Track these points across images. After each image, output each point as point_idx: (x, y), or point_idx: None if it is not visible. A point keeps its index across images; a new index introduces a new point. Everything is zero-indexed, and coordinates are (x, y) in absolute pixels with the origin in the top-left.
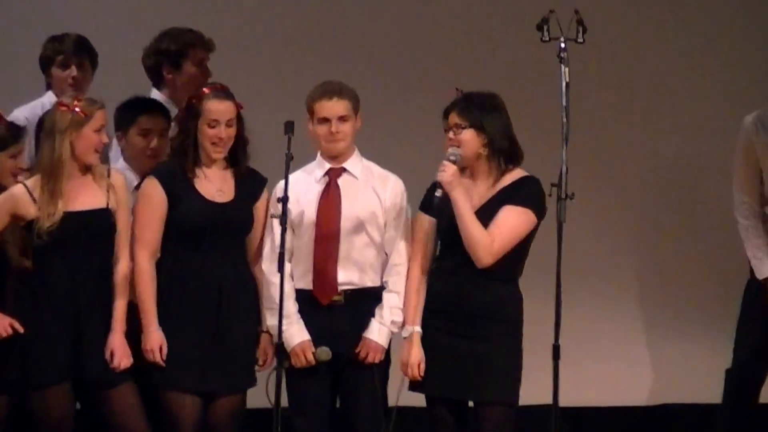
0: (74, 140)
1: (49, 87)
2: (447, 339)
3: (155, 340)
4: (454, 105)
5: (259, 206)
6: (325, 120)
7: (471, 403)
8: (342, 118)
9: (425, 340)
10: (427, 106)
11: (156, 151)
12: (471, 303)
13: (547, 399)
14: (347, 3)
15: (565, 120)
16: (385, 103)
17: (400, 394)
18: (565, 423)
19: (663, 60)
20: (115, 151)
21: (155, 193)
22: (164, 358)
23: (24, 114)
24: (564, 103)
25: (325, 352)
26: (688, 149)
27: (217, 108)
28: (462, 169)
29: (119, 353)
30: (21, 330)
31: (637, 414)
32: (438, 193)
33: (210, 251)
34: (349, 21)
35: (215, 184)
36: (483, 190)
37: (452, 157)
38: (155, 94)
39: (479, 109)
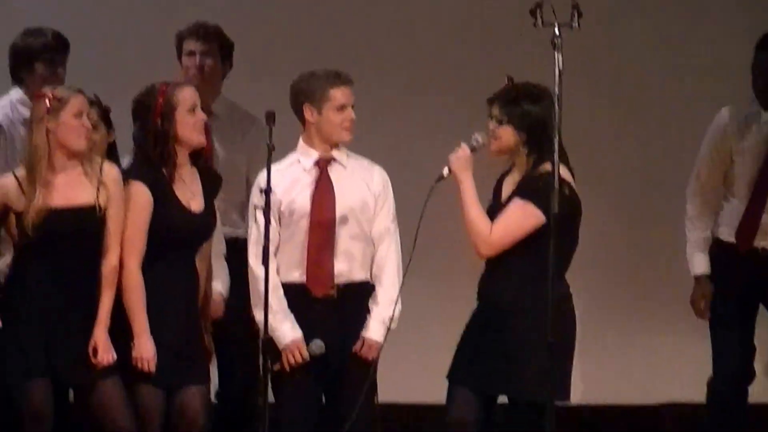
0: (53, 127)
1: (20, 82)
2: (474, 331)
3: (149, 349)
4: (497, 96)
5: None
6: (344, 107)
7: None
8: (352, 106)
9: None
10: (417, 95)
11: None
12: (489, 295)
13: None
14: None
15: (557, 108)
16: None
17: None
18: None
19: (661, 49)
20: None
21: (144, 199)
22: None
23: None
24: (557, 91)
25: (318, 347)
26: (686, 140)
27: (192, 92)
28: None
29: (102, 349)
30: None
31: (638, 413)
32: (444, 171)
33: (180, 258)
34: (336, 10)
35: (188, 187)
36: (514, 182)
37: (473, 142)
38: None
39: (523, 103)
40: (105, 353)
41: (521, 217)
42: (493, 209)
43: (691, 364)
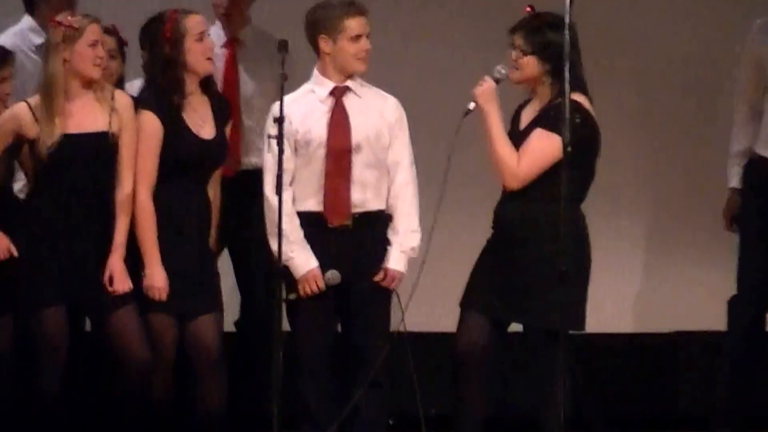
0: (69, 56)
1: (29, 9)
2: (489, 258)
3: (161, 279)
4: (520, 26)
5: (226, 130)
6: (359, 37)
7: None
8: (368, 36)
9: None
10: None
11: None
12: (505, 223)
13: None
14: None
15: (568, 37)
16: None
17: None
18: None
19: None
20: None
21: (154, 127)
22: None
23: (6, 42)
24: (567, 20)
25: (335, 276)
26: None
27: (200, 20)
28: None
29: (118, 277)
30: (15, 253)
31: (647, 340)
32: (470, 106)
33: (192, 184)
34: None
35: (199, 114)
36: (535, 111)
37: (496, 74)
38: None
39: (546, 33)
40: (121, 281)
41: (546, 149)
42: (512, 138)
43: (709, 291)
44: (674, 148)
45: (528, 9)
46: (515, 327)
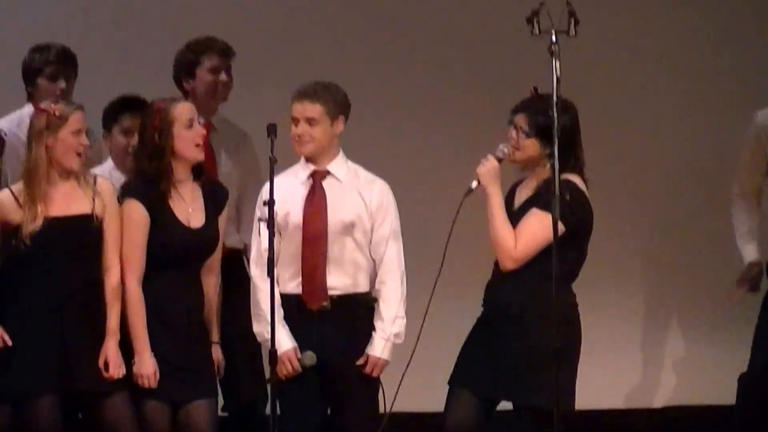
0: (51, 144)
1: (30, 98)
2: (479, 336)
3: (150, 366)
4: (523, 107)
5: (220, 219)
6: (295, 120)
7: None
8: (310, 121)
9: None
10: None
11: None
12: (496, 301)
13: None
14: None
15: (555, 116)
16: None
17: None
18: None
19: (663, 53)
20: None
21: (140, 215)
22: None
23: (2, 126)
24: (555, 99)
25: (309, 357)
26: (692, 147)
27: (188, 108)
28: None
29: (114, 363)
30: (9, 342)
31: (650, 416)
32: (473, 184)
33: (180, 274)
34: (339, 19)
35: (187, 203)
36: (531, 190)
37: (499, 153)
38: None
39: (549, 118)
40: (116, 367)
41: (542, 229)
42: (508, 216)
43: (704, 366)
44: (672, 221)
45: (533, 90)
46: (504, 405)
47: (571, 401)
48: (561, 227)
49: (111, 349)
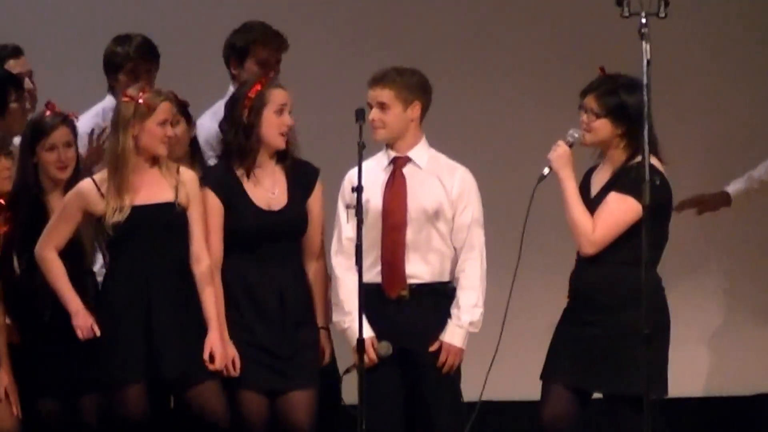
0: (138, 133)
1: (111, 89)
2: (567, 328)
3: (232, 353)
4: (593, 87)
5: (312, 201)
6: (369, 106)
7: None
8: (381, 106)
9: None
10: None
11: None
12: (582, 291)
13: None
14: None
15: (646, 99)
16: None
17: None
18: (661, 416)
19: (751, 34)
20: None
21: (213, 203)
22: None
23: (86, 126)
24: (645, 81)
25: (385, 347)
26: None
27: (283, 94)
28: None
29: (219, 354)
30: (98, 333)
31: (734, 403)
32: (545, 171)
33: (267, 257)
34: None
35: (267, 187)
36: (607, 175)
37: (569, 138)
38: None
39: (620, 95)
40: (222, 359)
41: (623, 212)
42: (584, 203)
43: None
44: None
45: (600, 70)
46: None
47: (664, 388)
48: (636, 207)
49: (215, 341)
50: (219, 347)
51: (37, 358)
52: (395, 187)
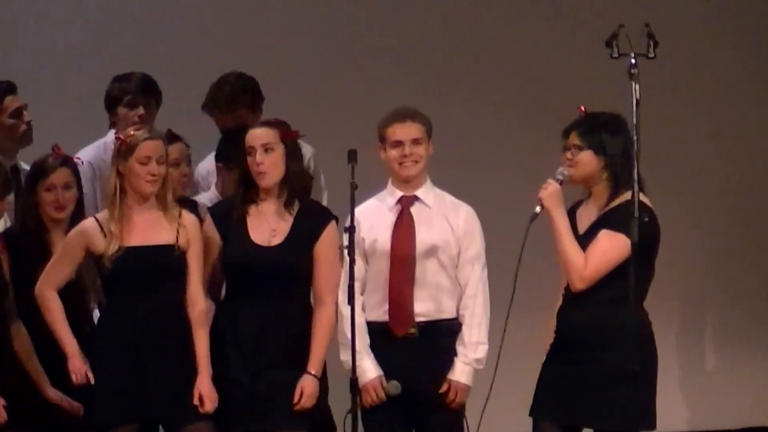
0: (123, 170)
1: (112, 126)
2: (555, 364)
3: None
4: (575, 125)
5: (319, 246)
6: (399, 143)
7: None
8: (415, 141)
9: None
10: (498, 129)
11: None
12: (569, 327)
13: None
14: (411, 28)
15: (635, 138)
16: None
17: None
18: None
19: (738, 73)
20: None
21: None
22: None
23: (87, 157)
24: (634, 121)
25: (394, 386)
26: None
27: (253, 135)
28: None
29: (209, 398)
30: (92, 381)
31: None
32: (537, 209)
33: (254, 293)
34: (411, 45)
35: (269, 223)
36: (594, 212)
37: (559, 176)
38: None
39: (602, 130)
40: (212, 402)
41: (613, 249)
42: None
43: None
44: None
45: (580, 109)
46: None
47: (652, 422)
48: (627, 244)
49: (204, 384)
50: (208, 392)
51: (28, 397)
52: (404, 226)
